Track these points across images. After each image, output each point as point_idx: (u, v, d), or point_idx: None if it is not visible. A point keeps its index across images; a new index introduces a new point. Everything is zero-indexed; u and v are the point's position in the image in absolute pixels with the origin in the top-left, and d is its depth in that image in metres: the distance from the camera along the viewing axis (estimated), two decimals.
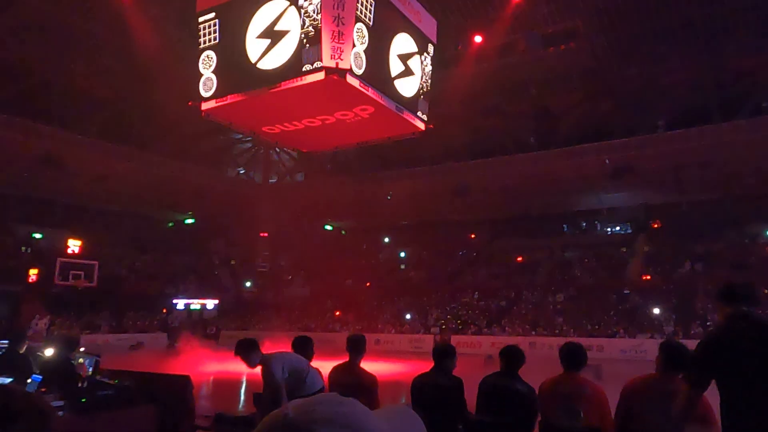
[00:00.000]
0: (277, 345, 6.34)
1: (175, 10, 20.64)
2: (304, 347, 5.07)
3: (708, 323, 22.78)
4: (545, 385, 4.10)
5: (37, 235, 30.54)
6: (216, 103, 10.97)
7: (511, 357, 4.40)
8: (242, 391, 13.53)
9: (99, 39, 23.85)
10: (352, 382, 4.71)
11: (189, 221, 37.84)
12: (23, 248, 29.37)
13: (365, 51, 9.95)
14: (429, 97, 12.18)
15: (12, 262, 27.07)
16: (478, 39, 22.31)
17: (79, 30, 23.10)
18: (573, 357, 4.03)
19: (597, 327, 24.79)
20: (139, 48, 21.88)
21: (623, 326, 24.23)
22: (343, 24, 9.48)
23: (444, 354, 4.58)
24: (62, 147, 25.25)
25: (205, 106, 11.20)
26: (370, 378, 4.80)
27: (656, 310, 25.25)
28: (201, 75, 11.10)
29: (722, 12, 21.59)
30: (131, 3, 20.39)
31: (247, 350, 4.63)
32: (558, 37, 23.06)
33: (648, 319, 24.72)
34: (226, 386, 14.46)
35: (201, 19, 11.09)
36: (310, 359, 5.00)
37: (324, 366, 5.17)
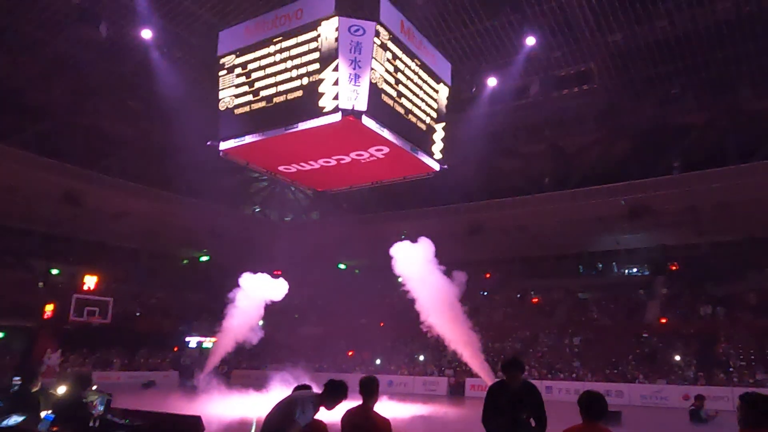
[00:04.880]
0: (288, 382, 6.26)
1: (197, 53, 21.29)
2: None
3: (730, 369, 22.15)
4: None
5: (54, 271, 30.82)
6: (234, 143, 11.19)
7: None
8: None
9: (122, 81, 24.57)
10: (365, 426, 4.64)
11: (204, 258, 37.99)
12: (40, 284, 29.61)
13: (381, 93, 10.14)
14: (444, 138, 12.32)
15: (28, 297, 27.26)
16: (492, 81, 22.62)
17: (104, 72, 23.84)
18: (593, 406, 3.91)
19: (615, 371, 24.19)
20: (161, 89, 22.47)
21: (642, 371, 23.62)
22: (359, 67, 9.71)
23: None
24: (83, 185, 25.77)
25: (223, 146, 11.43)
26: (383, 421, 4.72)
27: (676, 356, 24.61)
28: (220, 115, 11.36)
29: (736, 55, 21.73)
30: (155, 46, 21.04)
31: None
32: (571, 79, 23.31)
33: (668, 364, 24.09)
34: (238, 428, 14.24)
35: (222, 62, 11.43)
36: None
37: (336, 408, 5.07)
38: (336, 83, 9.59)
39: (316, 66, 9.87)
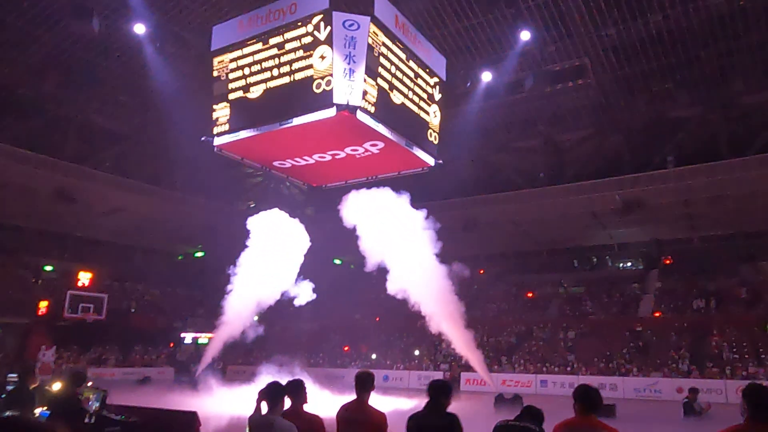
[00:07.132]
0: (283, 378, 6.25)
1: (190, 49, 21.16)
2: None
3: (723, 362, 22.31)
4: (559, 428, 3.99)
5: (48, 268, 30.69)
6: (228, 138, 11.14)
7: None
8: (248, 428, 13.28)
9: (115, 76, 24.40)
10: (360, 420, 4.64)
11: (198, 254, 37.89)
12: (34, 280, 29.48)
13: (376, 88, 10.10)
14: (439, 132, 12.31)
15: (22, 294, 27.15)
16: (487, 76, 22.59)
17: (97, 67, 23.65)
18: (588, 399, 3.92)
19: (609, 365, 24.32)
20: (155, 85, 22.32)
21: (636, 364, 23.76)
22: (354, 62, 9.67)
23: (439, 390, 4.46)
24: (76, 181, 25.62)
25: (217, 141, 11.38)
26: (378, 415, 4.73)
27: (670, 348, 24.77)
28: (214, 111, 11.31)
29: (729, 49, 21.78)
30: (148, 41, 20.88)
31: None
32: (566, 74, 23.30)
33: (662, 357, 24.24)
34: (234, 423, 14.24)
35: (216, 58, 11.36)
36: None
37: (332, 400, 5.08)
38: (330, 78, 9.55)
39: (310, 61, 9.83)
